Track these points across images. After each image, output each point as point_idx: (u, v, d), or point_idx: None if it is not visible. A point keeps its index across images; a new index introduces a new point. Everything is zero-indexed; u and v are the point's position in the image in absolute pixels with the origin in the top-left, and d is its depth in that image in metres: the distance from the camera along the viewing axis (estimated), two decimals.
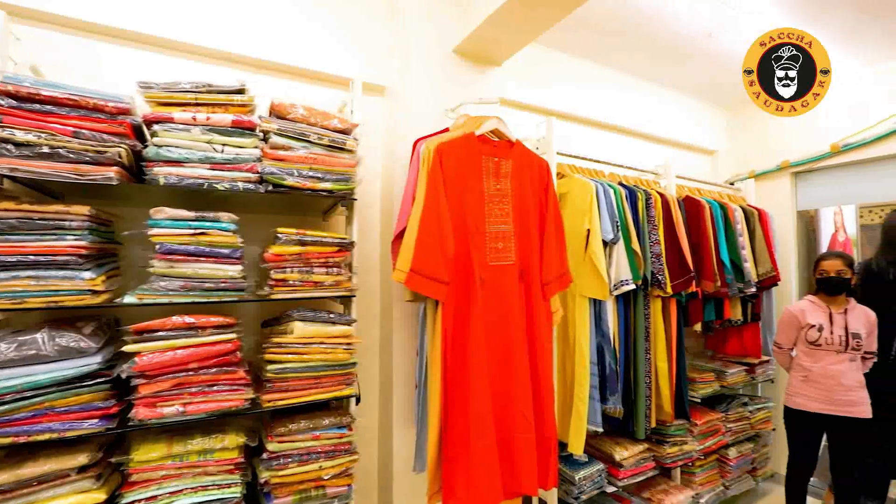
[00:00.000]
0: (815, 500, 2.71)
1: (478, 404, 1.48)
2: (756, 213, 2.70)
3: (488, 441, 1.49)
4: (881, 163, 2.69)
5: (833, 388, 2.06)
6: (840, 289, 2.11)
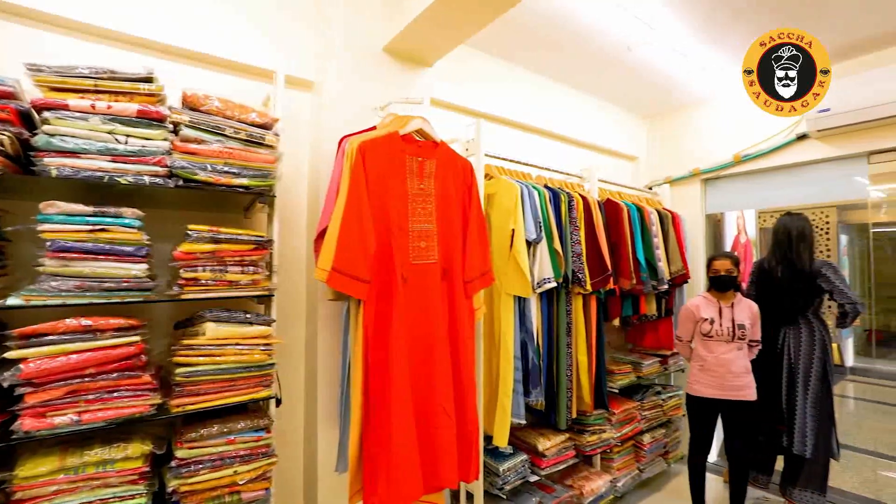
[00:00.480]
0: (716, 476, 2.99)
1: (399, 401, 1.50)
2: (670, 215, 2.92)
3: (409, 437, 1.52)
4: (777, 172, 3.00)
5: (724, 375, 2.28)
6: (729, 285, 2.33)
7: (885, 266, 6.18)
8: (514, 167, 2.41)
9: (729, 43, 2.51)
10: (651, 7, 2.17)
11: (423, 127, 1.71)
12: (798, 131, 2.77)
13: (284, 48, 1.88)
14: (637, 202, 2.82)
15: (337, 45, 1.84)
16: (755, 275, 2.66)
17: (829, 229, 5.43)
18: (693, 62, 2.69)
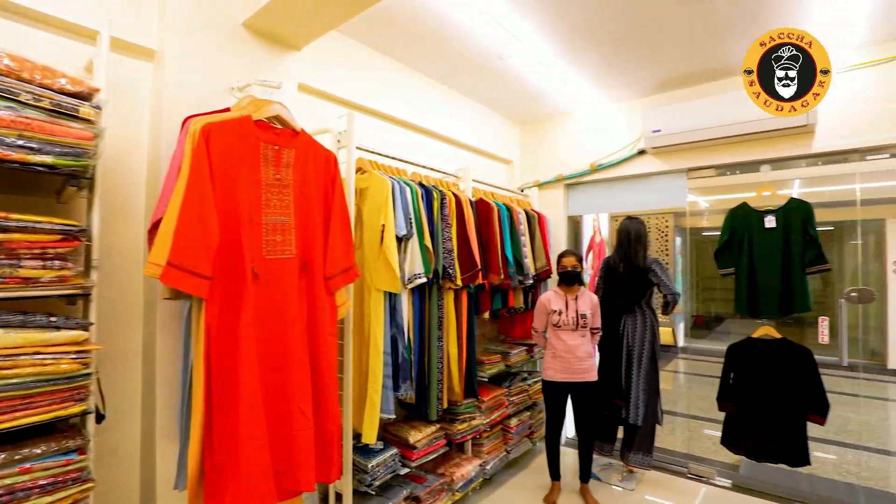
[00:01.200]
0: (572, 449, 3.32)
1: (248, 406, 1.40)
2: (537, 216, 3.17)
3: (260, 442, 1.42)
4: (625, 181, 3.41)
5: (571, 360, 2.56)
6: (574, 279, 2.62)
7: (704, 264, 7.53)
8: (390, 163, 2.40)
9: (584, 64, 2.79)
10: (518, 22, 2.31)
11: (282, 113, 1.61)
12: (639, 147, 3.19)
13: (116, 5, 1.62)
14: (508, 203, 3.01)
15: (184, 9, 1.64)
16: (603, 270, 3.01)
17: (667, 232, 6.40)
18: (556, 77, 2.94)
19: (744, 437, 2.72)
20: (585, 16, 2.28)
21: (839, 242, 7.65)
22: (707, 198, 5.44)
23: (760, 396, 2.66)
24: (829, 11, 2.24)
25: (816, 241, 2.62)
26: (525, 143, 3.82)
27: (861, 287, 2.79)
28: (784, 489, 2.81)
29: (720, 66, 2.82)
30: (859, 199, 2.84)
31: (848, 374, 5.28)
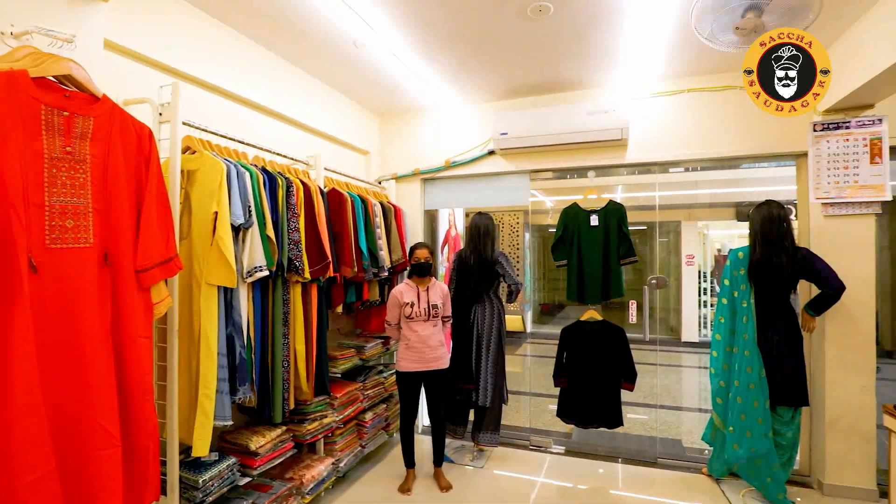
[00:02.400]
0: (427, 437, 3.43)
1: (23, 431, 1.13)
2: (393, 209, 3.18)
3: (40, 473, 1.17)
4: (479, 178, 3.62)
5: (424, 350, 2.65)
6: (426, 271, 2.72)
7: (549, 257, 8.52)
8: (227, 144, 2.17)
9: (440, 63, 2.88)
10: (372, 10, 2.27)
11: (76, 73, 1.33)
12: (489, 147, 3.42)
13: None
14: (364, 194, 2.96)
15: None
16: (456, 262, 3.16)
17: (518, 228, 7.01)
18: (413, 72, 2.98)
19: (574, 407, 3.11)
20: (440, 17, 2.34)
21: (650, 239, 9.26)
22: (552, 198, 6.11)
23: (587, 371, 3.07)
24: (636, 47, 2.65)
25: (628, 237, 3.11)
26: (384, 135, 3.81)
27: (658, 276, 3.39)
28: (606, 448, 3.31)
29: (558, 81, 3.16)
30: (657, 204, 3.45)
31: (651, 347, 6.40)
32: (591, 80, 3.15)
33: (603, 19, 2.36)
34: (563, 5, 2.24)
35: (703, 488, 2.83)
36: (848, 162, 2.70)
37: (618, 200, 3.19)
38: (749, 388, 2.59)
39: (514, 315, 6.72)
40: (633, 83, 3.17)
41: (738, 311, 2.69)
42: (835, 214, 2.74)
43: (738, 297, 2.69)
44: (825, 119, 2.75)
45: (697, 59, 2.80)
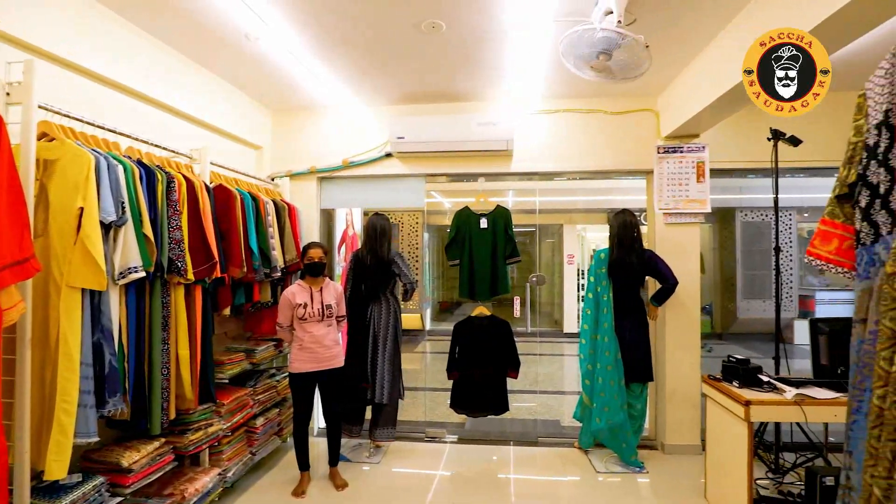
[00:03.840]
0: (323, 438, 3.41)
1: None
2: (287, 207, 3.11)
3: None
4: (379, 179, 3.67)
5: (318, 350, 2.65)
6: (320, 271, 2.72)
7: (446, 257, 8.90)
8: (96, 132, 1.97)
9: (337, 65, 2.89)
10: (264, 5, 2.22)
11: None
12: (387, 150, 3.51)
13: None
14: (255, 192, 2.86)
15: None
16: (353, 262, 3.19)
17: (418, 228, 7.19)
18: (310, 71, 2.95)
19: (466, 397, 3.32)
20: (334, 21, 2.37)
21: (539, 240, 10.09)
22: (450, 199, 6.39)
23: (477, 363, 3.30)
24: (521, 68, 2.93)
25: (513, 239, 3.41)
26: (278, 131, 3.68)
27: (538, 274, 3.77)
28: (495, 434, 3.60)
29: (452, 92, 3.35)
30: (538, 208, 3.84)
31: (533, 338, 7.01)
32: (481, 93, 3.39)
33: (491, 40, 2.58)
34: (455, 24, 2.41)
35: (575, 460, 3.22)
36: (681, 180, 3.29)
37: (506, 205, 3.49)
38: (608, 369, 3.02)
39: (414, 313, 6.88)
40: (519, 100, 3.48)
41: (600, 303, 3.12)
42: (672, 223, 3.32)
43: (600, 292, 3.13)
44: (665, 144, 3.31)
45: (572, 84, 3.18)
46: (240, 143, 3.34)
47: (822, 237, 1.22)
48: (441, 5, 2.24)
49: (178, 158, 2.41)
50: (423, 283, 7.16)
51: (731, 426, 2.37)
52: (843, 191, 1.15)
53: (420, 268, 6.83)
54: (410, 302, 7.03)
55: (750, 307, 6.84)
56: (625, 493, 2.81)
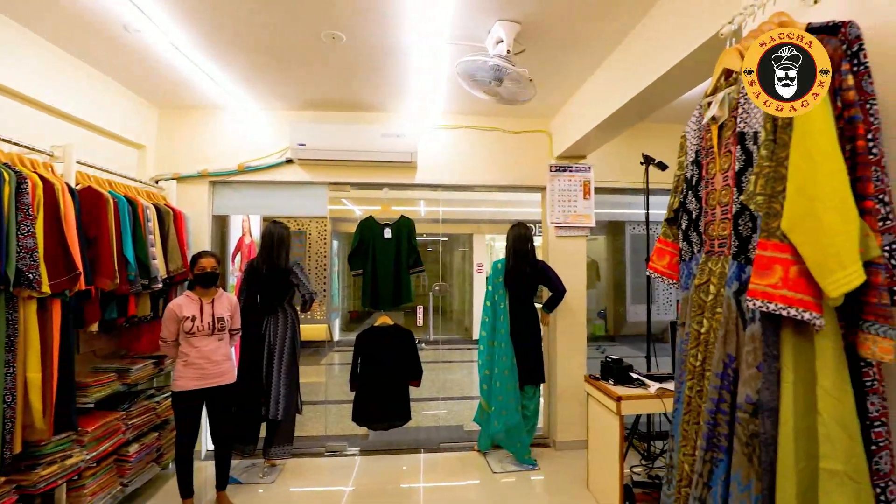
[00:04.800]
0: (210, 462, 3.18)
1: None
2: (172, 212, 2.88)
3: None
4: (280, 186, 3.53)
5: (206, 366, 2.49)
6: (212, 281, 2.57)
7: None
8: None
9: (232, 67, 2.75)
10: None
11: None
12: (287, 156, 3.40)
13: None
14: (133, 195, 2.61)
15: None
16: (247, 272, 3.04)
17: (326, 236, 7.01)
18: (202, 69, 2.77)
19: (368, 410, 3.29)
20: (226, 22, 2.26)
21: (451, 249, 10.33)
22: (362, 207, 6.32)
23: (380, 373, 3.29)
24: (424, 83, 3.02)
25: (416, 249, 3.48)
26: (165, 130, 3.40)
27: (440, 283, 3.88)
28: (398, 443, 3.60)
29: (356, 101, 3.35)
30: (441, 218, 3.95)
31: (437, 347, 7.16)
32: (386, 105, 3.44)
33: (393, 55, 2.64)
34: (356, 37, 2.43)
35: (474, 463, 3.34)
36: (570, 196, 3.60)
37: (419, 215, 3.55)
38: (504, 373, 3.20)
39: (321, 324, 6.68)
40: (423, 114, 3.58)
41: (497, 311, 3.30)
42: (562, 235, 3.62)
43: (497, 300, 3.30)
44: (557, 163, 3.61)
45: (472, 102, 3.34)
46: (118, 140, 3.03)
47: (658, 253, 1.42)
48: (340, 18, 2.25)
49: (35, 156, 2.13)
50: (332, 292, 6.97)
51: (607, 420, 2.63)
52: (670, 215, 1.36)
53: (328, 277, 6.65)
54: (318, 312, 6.81)
55: (638, 311, 7.62)
56: (518, 490, 2.97)
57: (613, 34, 2.41)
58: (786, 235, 0.85)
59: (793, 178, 0.86)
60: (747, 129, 1.00)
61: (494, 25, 2.31)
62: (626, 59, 2.45)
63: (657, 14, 2.12)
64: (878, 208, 0.85)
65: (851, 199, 0.82)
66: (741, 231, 1.01)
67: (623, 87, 2.46)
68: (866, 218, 0.84)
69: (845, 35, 0.93)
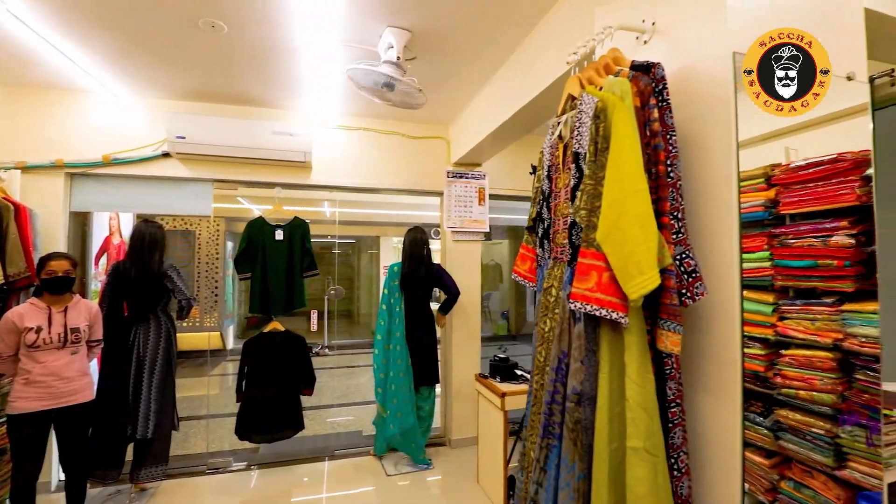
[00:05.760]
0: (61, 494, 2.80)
1: None
2: (13, 207, 2.49)
3: None
4: (150, 181, 3.20)
5: (54, 384, 2.18)
6: (65, 286, 2.27)
7: None
8: None
9: (94, 48, 2.46)
10: None
11: None
12: (164, 149, 3.11)
13: None
14: None
15: None
16: (112, 276, 2.72)
17: (219, 236, 6.50)
18: (55, 47, 2.43)
19: (256, 422, 3.11)
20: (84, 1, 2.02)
21: (359, 252, 10.16)
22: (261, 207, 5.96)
23: (269, 383, 3.13)
24: (319, 83, 2.95)
25: (310, 252, 3.37)
26: (9, 112, 2.92)
27: (336, 287, 3.81)
28: (291, 453, 3.44)
29: (244, 95, 3.17)
30: (338, 220, 3.88)
31: (344, 352, 7.02)
32: (278, 102, 3.30)
33: (283, 51, 2.54)
34: (239, 29, 2.30)
35: (369, 468, 3.31)
36: (466, 202, 3.74)
37: (322, 216, 3.44)
38: (400, 376, 3.22)
39: (212, 332, 6.17)
40: (319, 113, 3.49)
41: (393, 314, 3.32)
42: (458, 239, 3.75)
43: (393, 303, 3.32)
44: (454, 169, 3.74)
45: (370, 104, 3.33)
46: None
47: (521, 258, 1.54)
48: (221, 6, 2.11)
49: None
50: (226, 297, 6.49)
51: (494, 415, 2.77)
52: (530, 223, 1.49)
53: (221, 281, 6.18)
54: (208, 319, 6.29)
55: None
56: (411, 491, 3.01)
57: (501, 50, 2.55)
58: (600, 246, 0.97)
59: (606, 195, 0.99)
60: (580, 150, 1.13)
61: (385, 31, 2.34)
62: (513, 73, 2.61)
63: (537, 35, 2.30)
64: (673, 223, 1.01)
65: (652, 215, 0.97)
66: (574, 240, 1.13)
67: (511, 100, 2.61)
68: (663, 232, 1.00)
69: (654, 75, 1.09)
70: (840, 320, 1.13)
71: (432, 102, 3.26)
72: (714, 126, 1.12)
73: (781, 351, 1.21)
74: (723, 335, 1.08)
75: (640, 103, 1.06)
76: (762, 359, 1.25)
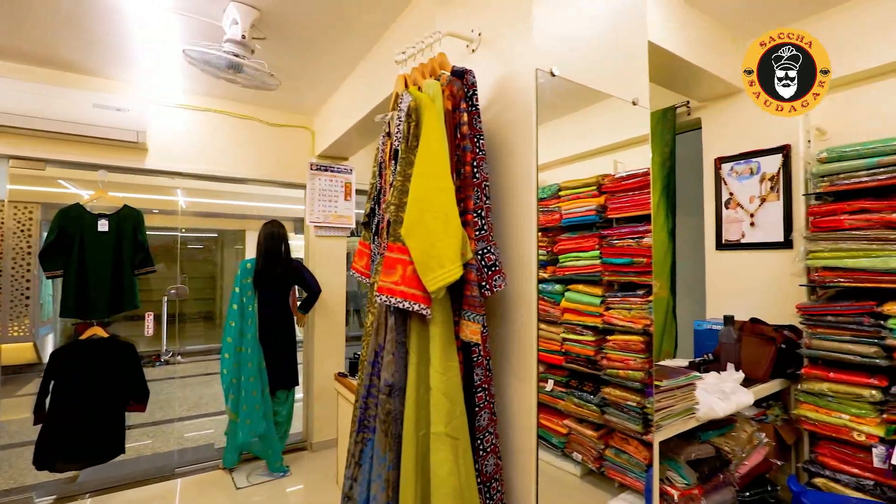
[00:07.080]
0: None
1: None
2: None
3: None
4: None
5: None
6: None
7: None
8: None
9: None
10: None
11: None
12: None
13: None
14: None
15: None
16: None
17: (32, 225, 5.39)
18: None
19: (62, 447, 2.60)
20: None
21: (222, 247, 9.26)
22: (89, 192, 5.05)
23: (82, 399, 2.66)
24: (153, 53, 2.58)
25: (145, 245, 2.96)
26: None
27: (178, 286, 3.41)
28: (116, 479, 2.99)
29: (56, 59, 2.65)
30: (185, 210, 3.48)
31: (194, 359, 6.37)
32: (102, 70, 2.83)
33: (104, 13, 2.17)
34: None
35: (216, 483, 3.03)
36: (331, 196, 3.63)
37: (176, 206, 3.01)
38: (251, 380, 3.00)
39: (22, 342, 5.08)
40: (157, 90, 3.08)
41: (245, 314, 3.07)
42: (322, 235, 3.62)
43: (245, 303, 3.08)
44: (318, 162, 3.59)
45: (221, 85, 3.03)
46: None
47: (359, 254, 1.53)
48: None
49: None
50: (41, 300, 5.39)
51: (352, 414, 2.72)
52: (365, 219, 1.48)
53: (35, 280, 5.11)
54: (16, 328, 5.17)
55: None
56: (264, 501, 2.82)
57: (363, 41, 2.50)
58: (404, 240, 1.01)
59: (412, 191, 1.03)
60: (398, 147, 1.16)
61: (229, 6, 2.15)
62: (372, 68, 2.59)
63: (396, 30, 2.31)
64: (476, 221, 1.09)
65: (455, 211, 1.03)
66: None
67: (372, 94, 2.58)
68: (467, 228, 1.07)
69: (466, 81, 1.16)
70: (647, 309, 1.37)
71: (294, 90, 3.10)
72: (521, 134, 1.23)
73: (607, 337, 1.43)
74: (523, 322, 1.19)
75: (452, 106, 1.12)
76: (593, 344, 1.45)
